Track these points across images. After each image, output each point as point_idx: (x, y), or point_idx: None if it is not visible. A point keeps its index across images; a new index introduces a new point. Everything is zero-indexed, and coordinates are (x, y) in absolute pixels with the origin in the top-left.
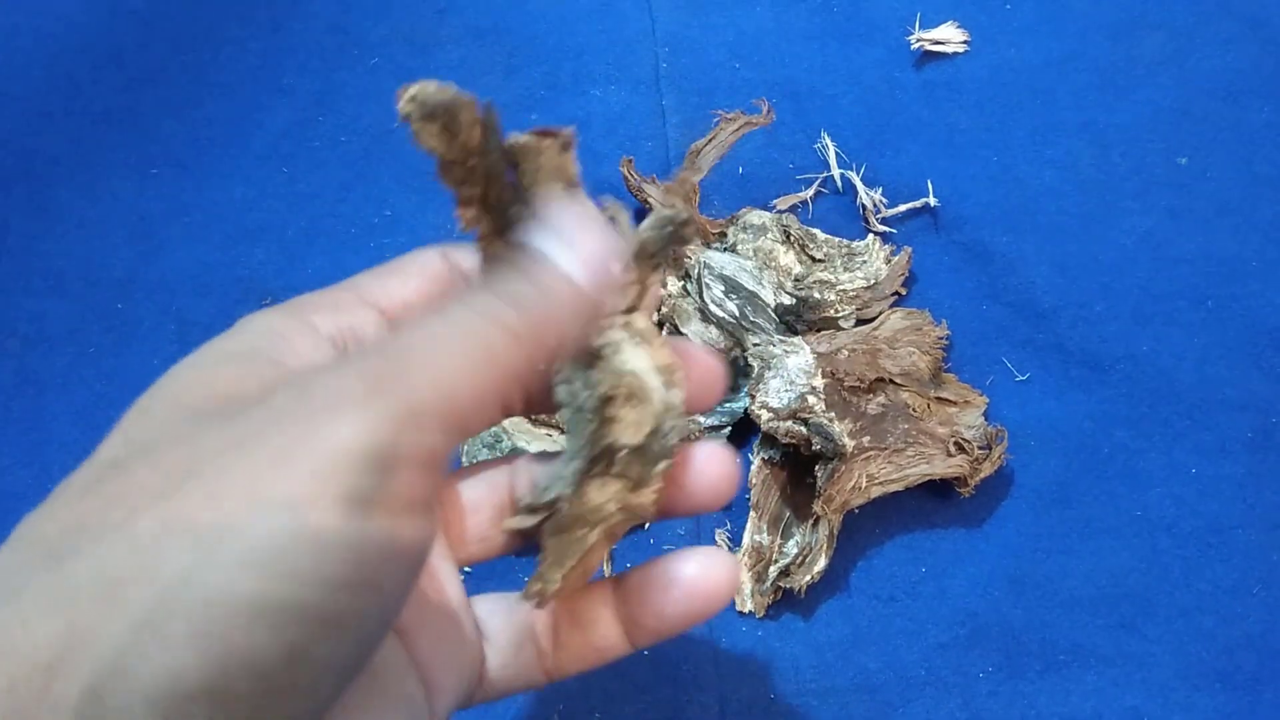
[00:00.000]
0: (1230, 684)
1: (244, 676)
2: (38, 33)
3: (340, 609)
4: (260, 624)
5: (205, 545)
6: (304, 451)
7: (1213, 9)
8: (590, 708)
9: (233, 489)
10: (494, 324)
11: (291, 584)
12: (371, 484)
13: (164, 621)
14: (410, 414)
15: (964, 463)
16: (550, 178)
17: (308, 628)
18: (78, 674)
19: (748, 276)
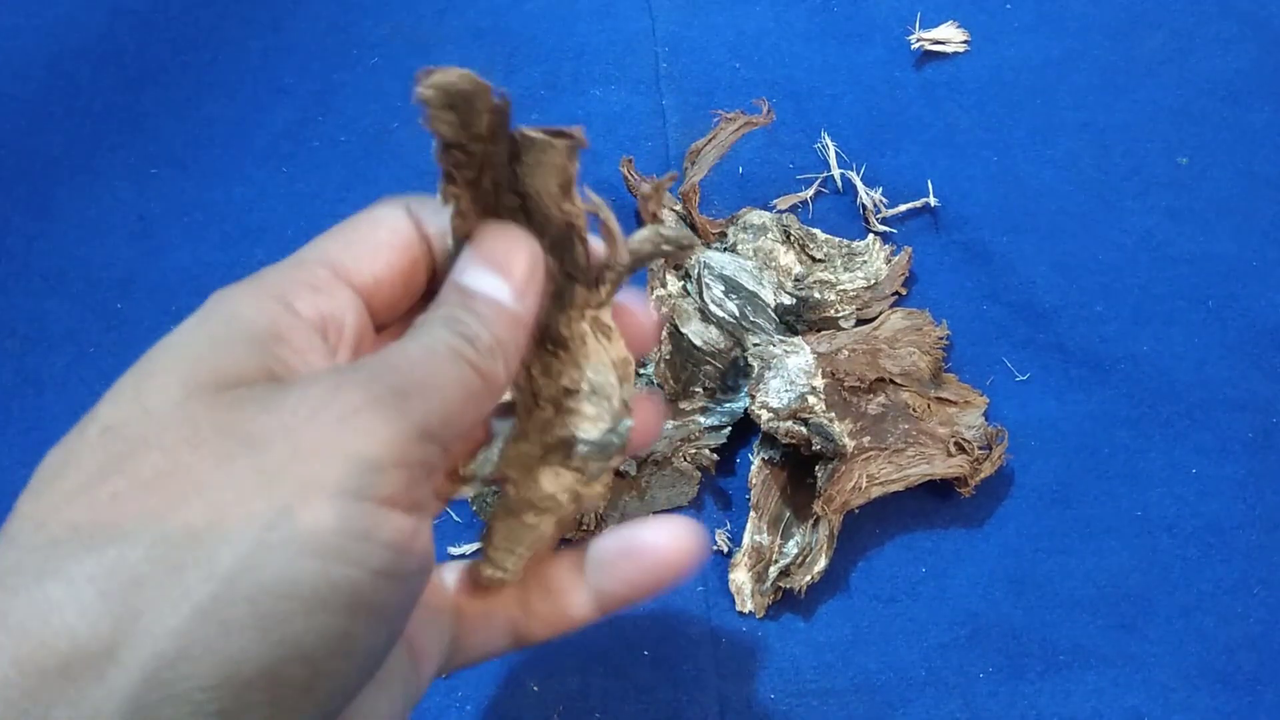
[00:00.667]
0: (1230, 684)
1: (298, 662)
2: (38, 33)
3: (382, 595)
4: (317, 610)
5: (263, 532)
6: (343, 449)
7: (1213, 9)
8: (590, 708)
9: (281, 477)
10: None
11: (345, 569)
12: (400, 483)
13: (226, 608)
14: (425, 432)
15: (964, 463)
16: (550, 176)
17: (356, 614)
18: (137, 660)
19: (748, 276)
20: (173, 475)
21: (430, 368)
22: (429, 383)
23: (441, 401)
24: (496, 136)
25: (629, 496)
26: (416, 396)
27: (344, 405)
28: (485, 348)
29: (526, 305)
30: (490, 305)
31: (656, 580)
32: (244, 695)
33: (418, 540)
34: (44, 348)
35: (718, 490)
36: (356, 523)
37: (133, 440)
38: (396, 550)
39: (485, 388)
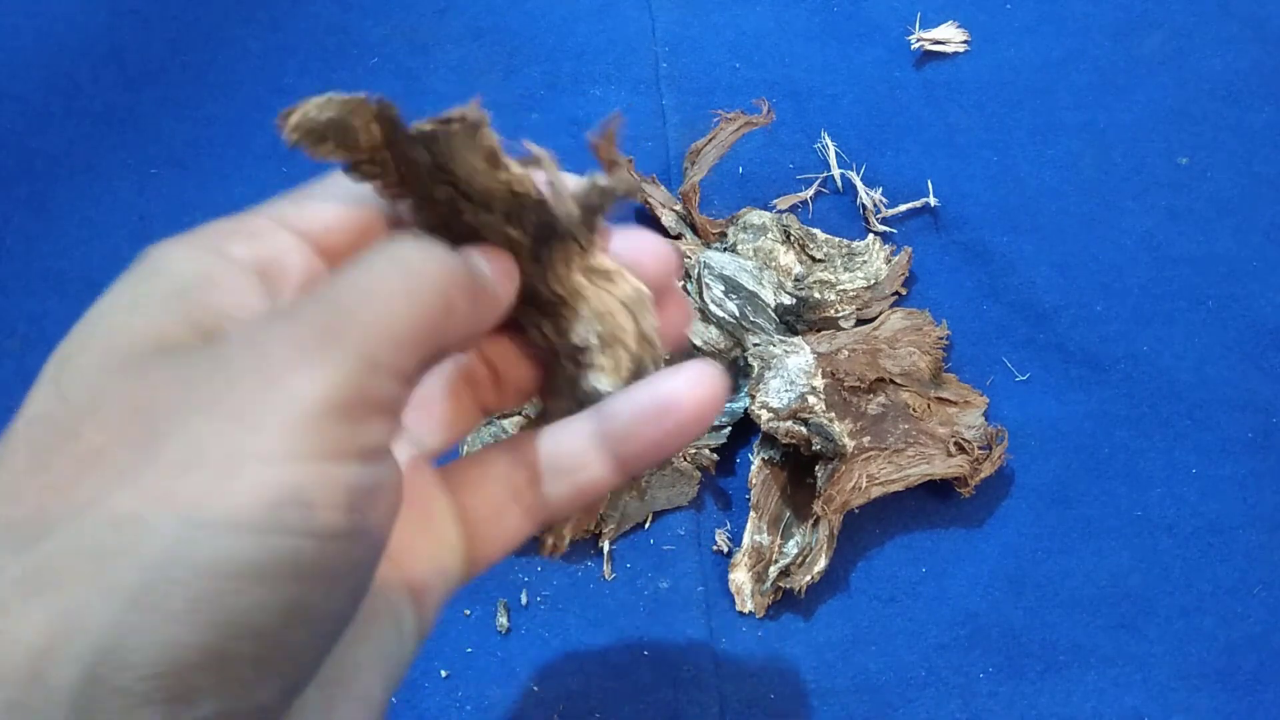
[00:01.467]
0: (1230, 684)
1: (245, 638)
2: (38, 33)
3: (332, 559)
4: (256, 584)
5: (190, 513)
6: (272, 407)
7: (1213, 9)
8: (590, 708)
9: (205, 452)
10: (415, 273)
11: (284, 539)
12: (343, 433)
13: (159, 595)
14: (369, 365)
15: (964, 463)
16: (471, 155)
17: (303, 582)
18: (73, 658)
19: (748, 276)
20: (96, 463)
21: (368, 289)
22: (367, 307)
23: (387, 325)
24: (395, 138)
25: (629, 496)
26: (353, 328)
27: (272, 361)
28: (440, 250)
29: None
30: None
31: (682, 437)
32: (190, 679)
33: (379, 489)
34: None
35: (718, 490)
36: (293, 489)
37: (55, 429)
38: (347, 508)
39: (453, 287)
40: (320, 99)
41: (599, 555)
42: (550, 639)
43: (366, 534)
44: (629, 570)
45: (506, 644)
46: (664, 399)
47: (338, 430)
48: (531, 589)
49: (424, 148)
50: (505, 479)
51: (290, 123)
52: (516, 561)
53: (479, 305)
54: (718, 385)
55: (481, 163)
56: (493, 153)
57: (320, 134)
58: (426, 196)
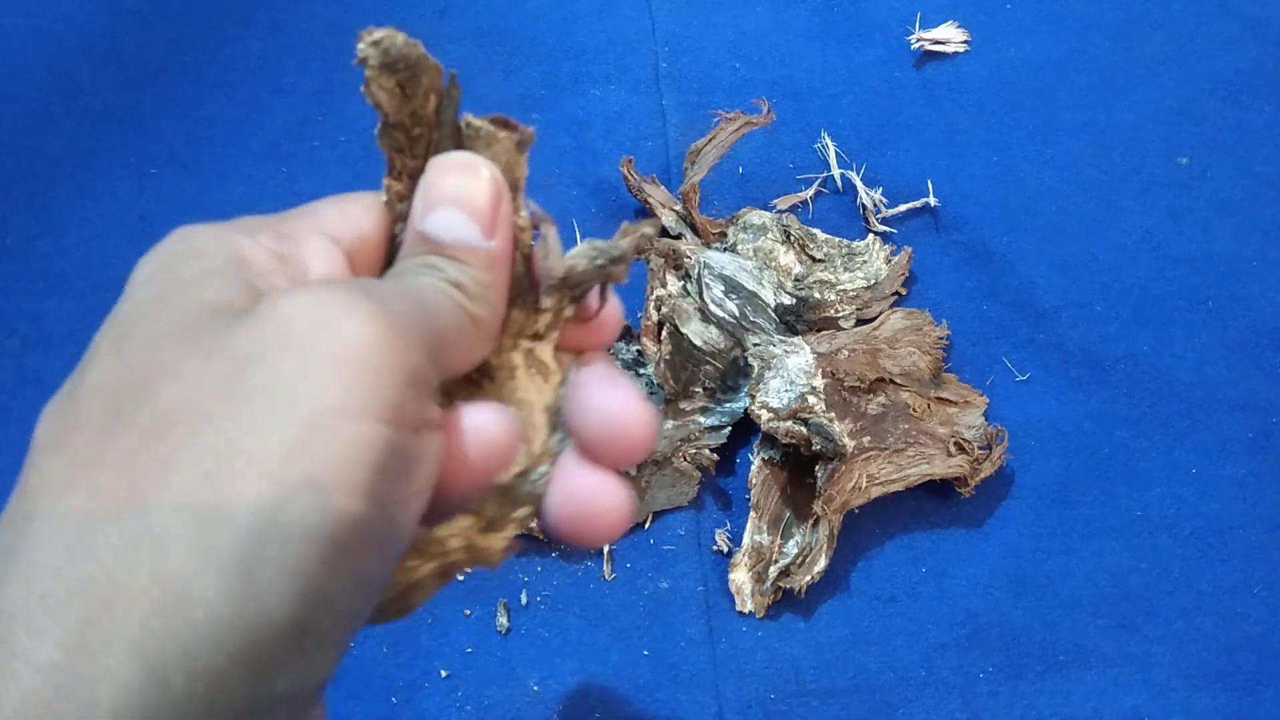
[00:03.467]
0: (1230, 684)
1: (326, 611)
2: (38, 33)
3: (392, 525)
4: (339, 552)
5: (283, 471)
6: (343, 361)
7: (1213, 9)
8: (590, 708)
9: (296, 406)
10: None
11: (365, 504)
12: (413, 399)
13: (252, 565)
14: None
15: (964, 463)
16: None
17: (370, 549)
18: (175, 631)
19: (748, 276)
20: (179, 420)
21: (427, 296)
22: (428, 310)
23: (439, 335)
24: (441, 122)
25: None
26: (421, 316)
27: (345, 309)
28: (473, 293)
29: (501, 240)
30: (462, 249)
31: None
32: (280, 652)
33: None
34: (44, 348)
35: (718, 490)
36: (369, 450)
37: (129, 392)
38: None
39: (475, 330)
40: (406, 35)
41: (599, 555)
42: (550, 639)
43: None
44: (629, 570)
45: (506, 644)
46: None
47: (409, 395)
48: (531, 589)
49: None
50: None
51: (373, 36)
52: (516, 561)
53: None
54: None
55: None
56: (516, 184)
57: (392, 63)
58: None
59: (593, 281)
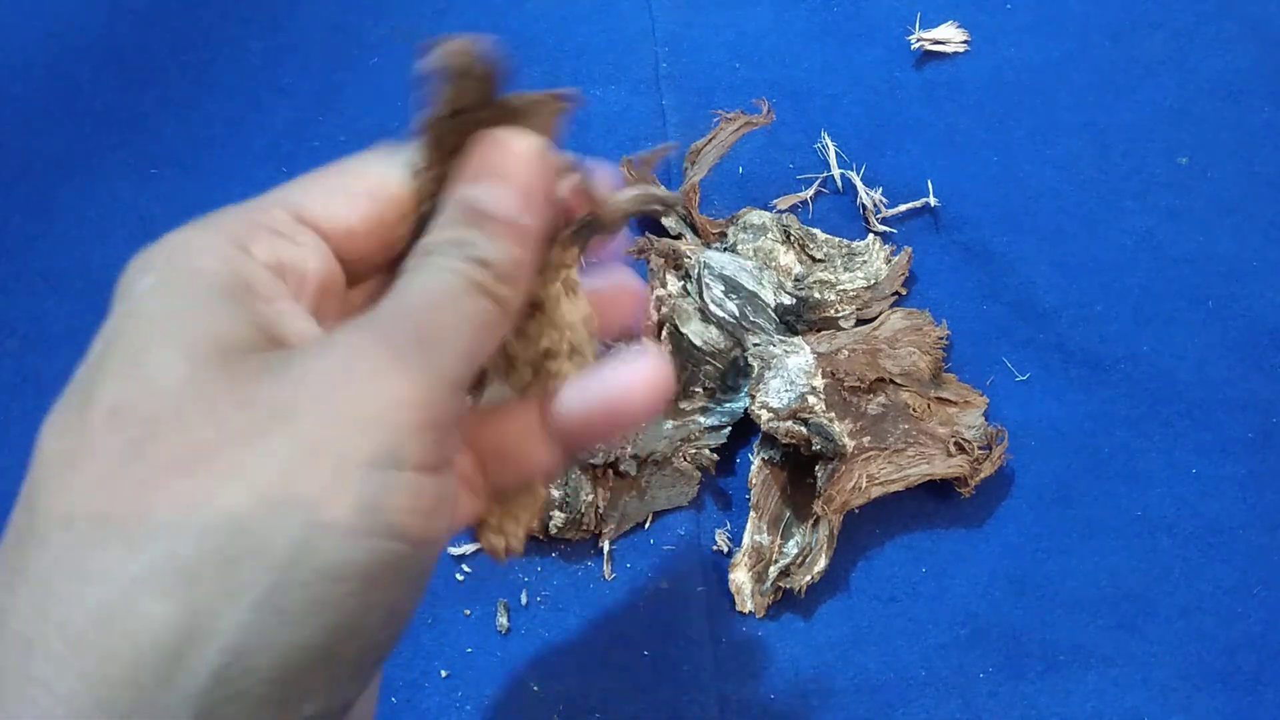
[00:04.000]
0: (1230, 684)
1: (353, 640)
2: (38, 33)
3: (424, 561)
4: (372, 588)
5: (313, 514)
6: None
7: (1213, 9)
8: (590, 708)
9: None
10: (483, 294)
11: (395, 544)
12: (435, 445)
13: (284, 598)
14: (450, 382)
15: (964, 463)
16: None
17: (400, 584)
18: (204, 659)
19: (748, 276)
20: (201, 456)
21: (447, 307)
22: (449, 325)
23: (464, 343)
24: (486, 101)
25: (629, 496)
26: (439, 344)
27: (369, 368)
28: (501, 271)
29: (536, 215)
30: (497, 222)
31: (631, 426)
32: (304, 682)
33: (450, 499)
34: (44, 348)
35: (718, 490)
36: (400, 496)
37: (148, 420)
38: (435, 515)
39: (502, 316)
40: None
41: (599, 555)
42: (550, 639)
43: (439, 541)
44: (629, 570)
45: (506, 644)
46: (618, 394)
47: (430, 442)
48: (531, 589)
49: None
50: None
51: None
52: (516, 561)
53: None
54: (667, 377)
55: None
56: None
57: (460, 72)
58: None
59: (634, 214)
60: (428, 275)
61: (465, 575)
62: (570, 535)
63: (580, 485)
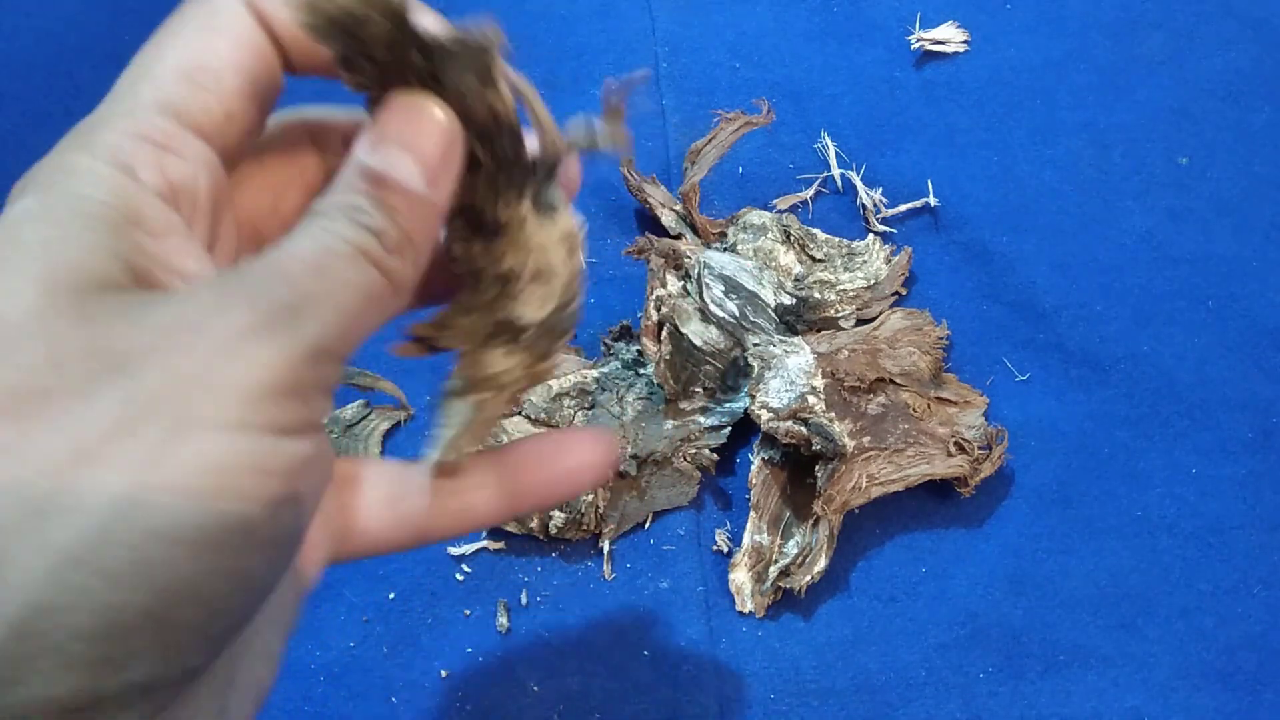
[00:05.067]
0: (1230, 684)
1: (188, 605)
2: (38, 33)
3: (275, 528)
4: (203, 551)
5: (138, 475)
6: (228, 377)
7: (1213, 9)
8: (590, 708)
9: (157, 412)
10: (368, 264)
11: (232, 507)
12: (293, 409)
13: (101, 556)
14: (321, 351)
15: (964, 463)
16: (469, 73)
17: (247, 551)
18: (2, 612)
19: (748, 276)
20: (32, 400)
21: (327, 274)
22: (325, 293)
23: (340, 314)
24: (401, 42)
25: (629, 496)
26: (311, 311)
27: (228, 327)
28: (393, 244)
29: (441, 191)
30: (399, 192)
31: (571, 497)
32: (129, 643)
33: (313, 462)
34: None
35: (718, 490)
36: (246, 457)
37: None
38: (291, 477)
39: (391, 290)
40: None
41: (599, 555)
42: (550, 639)
43: (303, 505)
44: (629, 570)
45: (506, 644)
46: (566, 471)
47: (289, 408)
48: (531, 589)
49: (421, 53)
50: (387, 486)
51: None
52: (516, 561)
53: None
54: (613, 455)
55: (475, 83)
56: (490, 75)
57: (336, 25)
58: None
59: (588, 147)
60: (312, 238)
61: (465, 575)
62: (570, 535)
63: None
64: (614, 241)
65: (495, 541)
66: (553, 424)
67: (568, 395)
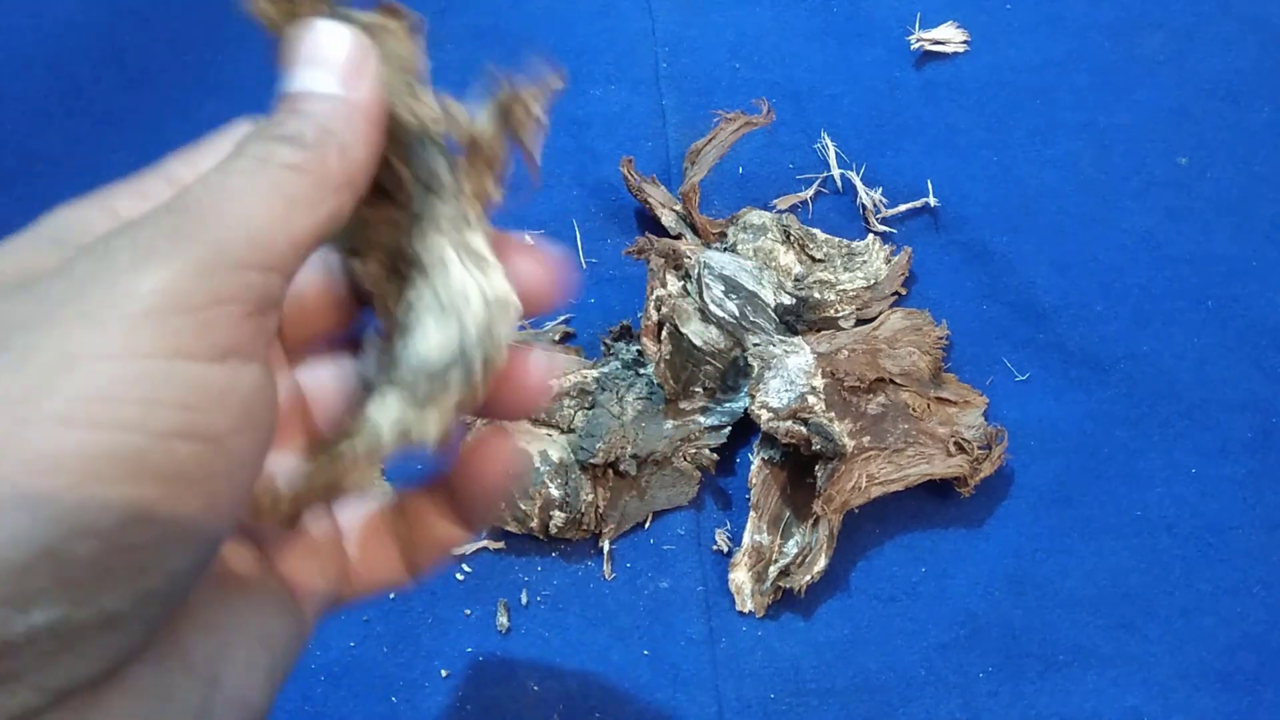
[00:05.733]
0: (1230, 684)
1: (83, 538)
2: (38, 33)
3: (180, 460)
4: (92, 481)
5: (20, 409)
6: (112, 305)
7: (1213, 9)
8: (590, 708)
9: (42, 351)
10: (280, 167)
11: (120, 434)
12: (188, 329)
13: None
14: (218, 259)
15: (964, 463)
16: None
17: (143, 482)
18: None
19: (748, 276)
20: None
21: (228, 184)
22: (226, 201)
23: (244, 219)
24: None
25: (629, 496)
26: (209, 221)
27: (117, 263)
28: (311, 140)
29: (361, 91)
30: (315, 99)
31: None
32: (25, 581)
33: (230, 391)
34: None
35: (718, 490)
36: (129, 386)
37: None
38: (188, 408)
39: (315, 185)
40: None
41: (599, 555)
42: (550, 639)
43: (213, 438)
44: (629, 570)
45: (506, 644)
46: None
47: (181, 326)
48: (531, 589)
49: None
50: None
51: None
52: (516, 561)
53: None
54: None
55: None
56: (413, 76)
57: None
58: None
59: (504, 140)
60: (222, 165)
61: (465, 575)
62: (570, 535)
63: (580, 485)
64: (614, 241)
65: (495, 541)
66: (553, 424)
67: (568, 395)
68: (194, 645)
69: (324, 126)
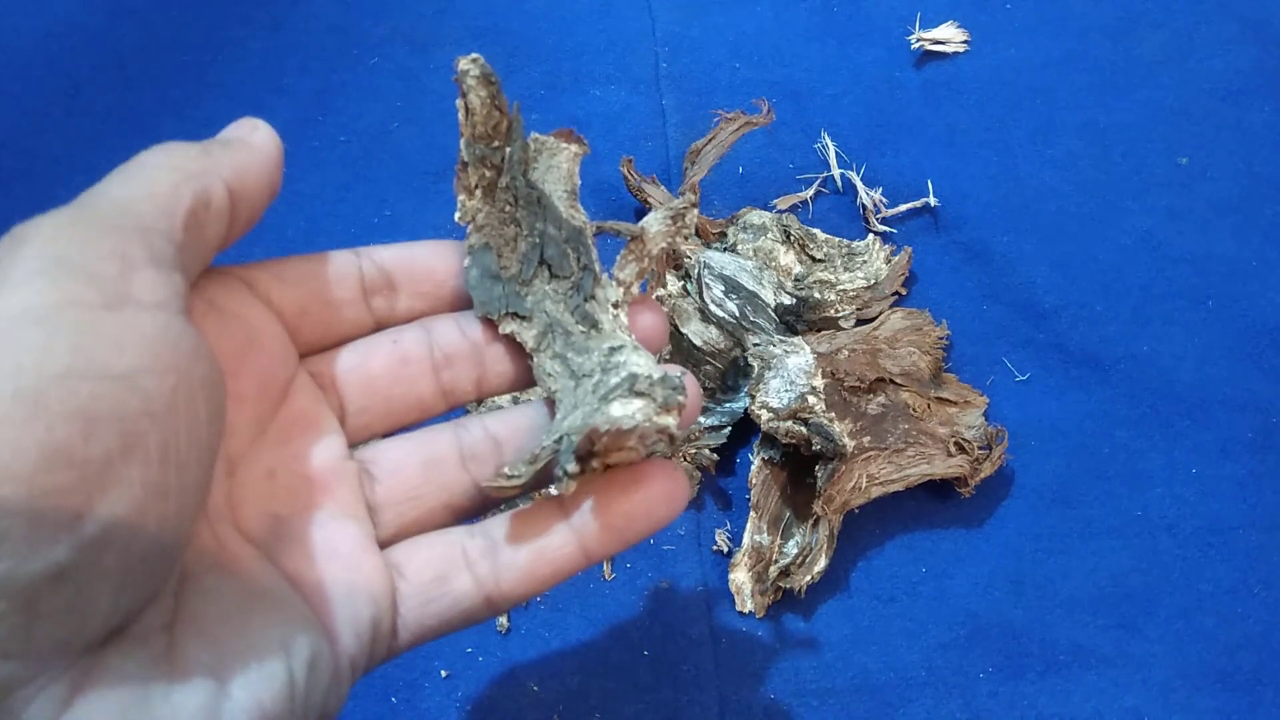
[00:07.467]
0: (1230, 684)
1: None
2: (38, 33)
3: (79, 400)
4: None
5: None
6: (14, 269)
7: (1213, 9)
8: (590, 708)
9: None
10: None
11: (17, 379)
12: (77, 282)
13: None
14: (102, 224)
15: (964, 463)
16: (558, 182)
17: (53, 422)
18: None
19: (748, 276)
20: None
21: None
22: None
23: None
24: (512, 138)
25: None
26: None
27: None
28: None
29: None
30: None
31: (649, 524)
32: None
33: (131, 332)
34: None
35: (718, 490)
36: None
37: None
38: (83, 350)
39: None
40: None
41: None
42: (550, 639)
43: (114, 376)
44: (629, 570)
45: (506, 644)
46: (644, 502)
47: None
48: None
49: (525, 160)
50: (457, 543)
51: (471, 56)
52: None
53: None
54: (684, 492)
55: (563, 191)
56: (573, 189)
57: (487, 78)
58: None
59: (670, 239)
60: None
61: None
62: None
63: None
64: (614, 241)
65: None
66: None
67: None
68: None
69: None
